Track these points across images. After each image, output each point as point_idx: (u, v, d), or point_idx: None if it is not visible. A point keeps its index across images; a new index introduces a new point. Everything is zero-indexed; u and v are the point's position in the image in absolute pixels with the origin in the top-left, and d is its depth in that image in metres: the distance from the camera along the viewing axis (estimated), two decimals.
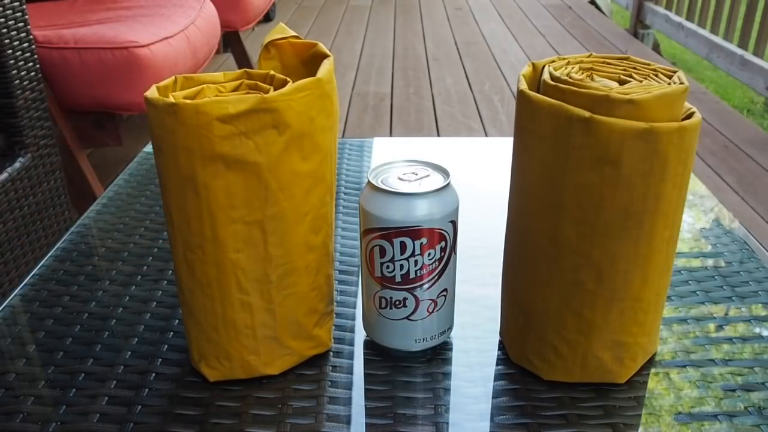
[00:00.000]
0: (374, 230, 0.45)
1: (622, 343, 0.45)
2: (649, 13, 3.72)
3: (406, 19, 4.23)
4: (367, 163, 0.83)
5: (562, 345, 0.45)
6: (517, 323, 0.47)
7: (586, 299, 0.43)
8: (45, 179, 1.16)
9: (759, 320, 0.54)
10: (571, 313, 0.44)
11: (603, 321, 0.44)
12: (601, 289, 0.43)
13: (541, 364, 0.46)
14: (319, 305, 0.48)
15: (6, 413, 0.44)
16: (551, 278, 0.44)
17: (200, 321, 0.45)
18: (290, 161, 0.42)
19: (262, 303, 0.45)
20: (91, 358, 0.50)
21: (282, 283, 0.45)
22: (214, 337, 0.45)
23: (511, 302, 0.48)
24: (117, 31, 1.42)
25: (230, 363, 0.46)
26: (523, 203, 0.44)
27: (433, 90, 2.94)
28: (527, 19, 4.16)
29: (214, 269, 0.43)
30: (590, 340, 0.44)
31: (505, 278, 0.49)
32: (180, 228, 0.43)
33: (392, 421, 0.44)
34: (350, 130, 2.50)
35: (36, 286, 0.59)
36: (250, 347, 0.46)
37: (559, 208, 0.42)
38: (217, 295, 0.44)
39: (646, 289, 0.44)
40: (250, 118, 0.40)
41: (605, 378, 0.46)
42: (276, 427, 0.43)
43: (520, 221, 0.45)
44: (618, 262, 0.42)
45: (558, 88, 0.41)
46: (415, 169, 0.48)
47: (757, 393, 0.46)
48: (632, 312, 0.44)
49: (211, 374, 0.47)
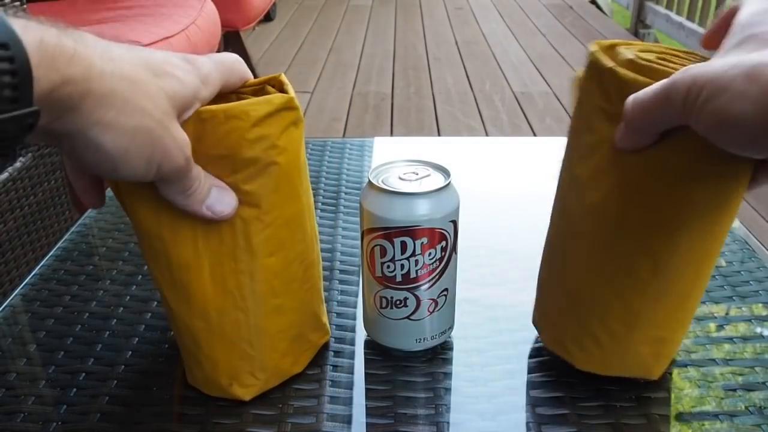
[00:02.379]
0: (375, 230, 0.45)
1: (662, 338, 0.44)
2: (649, 13, 3.72)
3: (407, 19, 4.23)
4: (368, 162, 0.83)
5: (604, 334, 0.44)
6: (559, 306, 0.46)
7: (638, 289, 0.42)
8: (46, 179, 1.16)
9: (760, 320, 0.54)
10: (619, 301, 0.43)
11: (650, 314, 0.42)
12: (654, 279, 0.41)
13: (578, 353, 0.45)
14: (322, 293, 0.49)
15: (7, 413, 0.44)
16: (604, 262, 0.42)
17: (233, 340, 0.43)
18: (303, 156, 0.43)
19: (291, 303, 0.45)
20: (91, 358, 0.50)
21: (304, 276, 0.45)
22: (249, 352, 0.44)
23: (554, 284, 0.47)
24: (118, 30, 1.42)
25: (265, 374, 0.45)
26: (589, 184, 0.42)
27: (433, 90, 2.94)
28: (528, 18, 4.15)
29: (248, 279, 0.42)
30: (633, 333, 0.43)
31: (548, 259, 0.48)
32: (207, 245, 0.41)
33: (393, 421, 0.44)
34: (351, 129, 2.50)
35: (37, 286, 0.59)
36: (282, 350, 0.45)
37: (626, 189, 0.40)
38: (251, 306, 0.43)
39: (696, 285, 0.43)
40: (276, 119, 0.40)
41: (640, 373, 0.45)
42: (277, 426, 0.43)
43: (579, 201, 0.43)
44: (676, 254, 0.40)
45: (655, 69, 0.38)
46: (415, 169, 0.48)
47: (757, 393, 0.46)
48: (679, 308, 0.43)
49: (246, 393, 0.45)
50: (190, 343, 0.44)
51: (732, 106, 0.31)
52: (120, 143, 0.33)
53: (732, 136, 0.32)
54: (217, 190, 0.39)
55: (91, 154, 0.33)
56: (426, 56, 3.44)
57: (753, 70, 0.31)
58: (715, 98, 0.32)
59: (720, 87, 0.32)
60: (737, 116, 0.31)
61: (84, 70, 0.31)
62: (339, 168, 0.81)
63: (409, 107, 2.74)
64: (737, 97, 0.31)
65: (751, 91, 0.31)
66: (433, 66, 3.27)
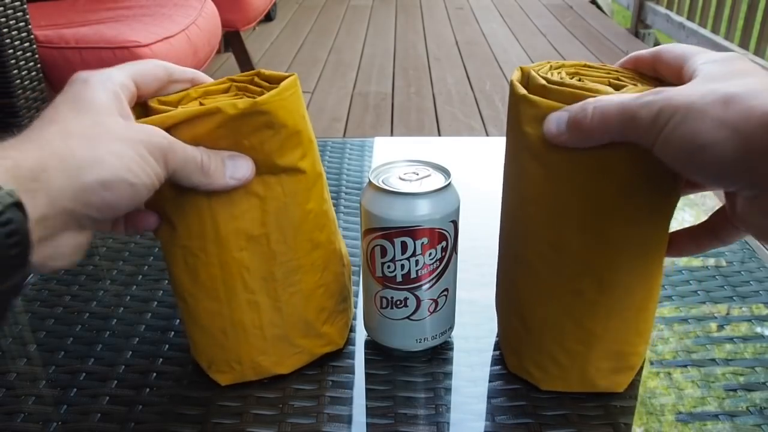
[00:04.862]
0: (375, 230, 0.45)
1: (622, 352, 0.44)
2: (650, 13, 3.72)
3: (407, 19, 4.23)
4: (368, 162, 0.83)
5: (561, 355, 0.44)
6: (516, 332, 0.47)
7: (586, 309, 0.43)
8: None
9: (760, 320, 0.54)
10: (571, 322, 0.43)
11: (603, 331, 0.43)
12: (602, 298, 0.42)
13: (540, 374, 0.46)
14: (327, 303, 0.48)
15: (7, 413, 0.44)
16: (552, 287, 0.43)
17: (207, 326, 0.45)
18: (290, 158, 0.42)
19: (268, 301, 0.45)
20: (92, 358, 0.50)
21: (288, 280, 0.45)
22: (223, 341, 0.45)
23: (509, 311, 0.48)
24: (118, 30, 1.42)
25: (241, 366, 0.46)
26: (524, 209, 0.44)
27: (434, 89, 2.94)
28: (528, 18, 4.16)
29: (219, 270, 0.43)
30: (590, 350, 0.44)
31: (501, 286, 0.49)
32: (179, 232, 0.42)
33: (393, 421, 0.44)
34: (351, 129, 2.50)
35: (37, 286, 0.59)
36: (260, 347, 0.46)
37: (562, 215, 0.41)
38: (224, 297, 0.44)
39: (650, 297, 0.43)
40: (244, 122, 0.40)
41: (604, 387, 0.45)
42: (277, 426, 0.43)
43: (520, 227, 0.45)
44: (620, 272, 0.41)
45: (559, 91, 0.40)
46: (416, 169, 0.48)
47: (758, 393, 0.46)
48: (634, 322, 0.44)
49: (223, 378, 0.46)
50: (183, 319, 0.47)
51: (705, 132, 0.31)
52: (111, 165, 0.33)
53: (701, 164, 0.32)
54: (230, 159, 0.40)
55: (107, 195, 0.34)
56: (426, 56, 3.44)
57: (731, 98, 0.31)
58: (689, 122, 0.31)
59: (695, 110, 0.31)
60: (710, 143, 0.30)
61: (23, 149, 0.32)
62: (339, 168, 0.81)
63: (409, 107, 2.74)
64: (713, 123, 0.30)
65: (729, 118, 0.30)
66: (433, 66, 3.27)
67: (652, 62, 0.41)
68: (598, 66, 0.44)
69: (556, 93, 0.40)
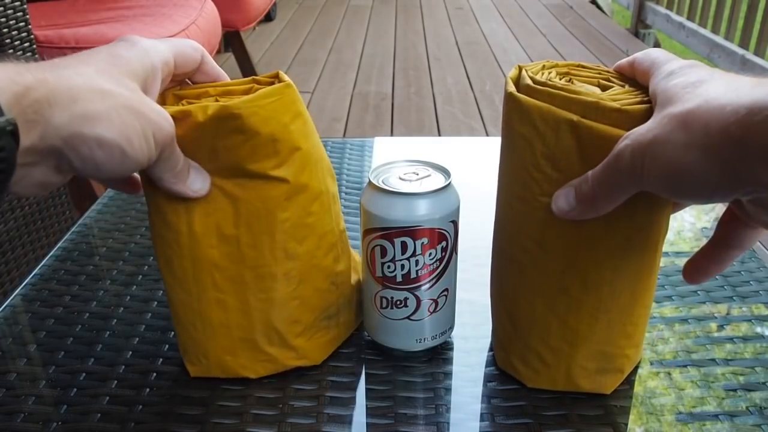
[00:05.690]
0: (375, 230, 0.45)
1: (609, 354, 0.44)
2: (650, 13, 3.72)
3: (407, 19, 4.23)
4: (368, 162, 0.83)
5: (546, 353, 0.45)
6: (504, 328, 0.47)
7: (571, 307, 0.43)
8: None
9: (760, 320, 0.54)
10: (556, 320, 0.43)
11: (589, 331, 0.43)
12: (586, 297, 0.42)
13: (525, 371, 0.46)
14: (303, 316, 0.47)
15: (7, 413, 0.44)
16: (537, 283, 0.43)
17: (180, 316, 0.46)
18: (262, 165, 0.42)
19: (237, 303, 0.45)
20: (92, 358, 0.50)
21: (258, 286, 0.45)
22: (193, 333, 0.46)
23: (498, 307, 0.48)
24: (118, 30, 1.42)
25: (208, 360, 0.47)
26: (512, 206, 0.44)
27: (434, 90, 2.94)
28: (528, 18, 4.16)
29: (191, 264, 0.44)
30: (575, 350, 0.44)
31: (492, 282, 0.49)
32: (156, 223, 0.44)
33: (393, 421, 0.44)
34: (351, 129, 2.50)
35: (37, 286, 0.59)
36: (226, 347, 0.46)
37: (547, 212, 0.41)
38: (194, 291, 0.45)
39: (637, 300, 0.43)
40: (216, 125, 0.40)
41: (590, 388, 0.45)
42: (277, 426, 0.43)
43: (508, 224, 0.45)
44: (603, 271, 0.41)
45: (546, 92, 0.40)
46: (416, 169, 0.48)
47: (758, 393, 0.46)
48: (620, 324, 0.44)
49: (192, 370, 0.47)
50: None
51: (677, 159, 0.31)
52: (114, 129, 0.34)
53: (689, 187, 0.32)
54: (194, 170, 0.42)
55: (99, 153, 0.34)
56: (426, 56, 3.44)
57: (688, 117, 0.31)
58: (659, 156, 0.32)
59: (660, 143, 0.32)
60: (685, 167, 0.31)
61: (40, 77, 0.32)
62: (339, 168, 0.81)
63: (409, 107, 2.74)
64: (680, 148, 0.31)
65: (692, 140, 0.31)
66: (433, 66, 3.27)
67: (632, 72, 0.42)
68: (592, 66, 0.44)
69: (539, 93, 0.40)
